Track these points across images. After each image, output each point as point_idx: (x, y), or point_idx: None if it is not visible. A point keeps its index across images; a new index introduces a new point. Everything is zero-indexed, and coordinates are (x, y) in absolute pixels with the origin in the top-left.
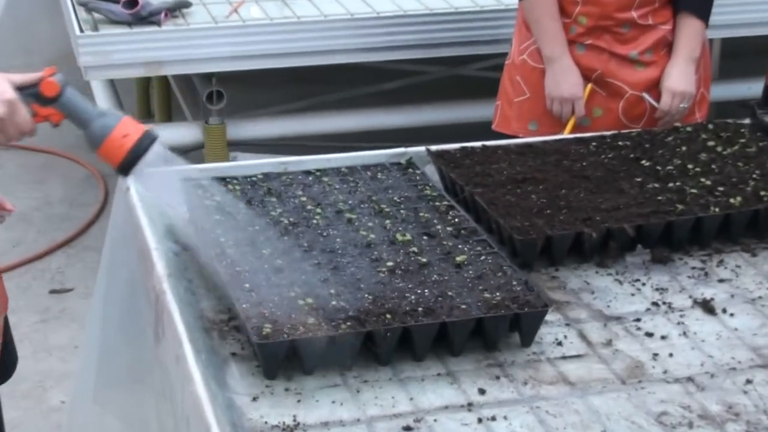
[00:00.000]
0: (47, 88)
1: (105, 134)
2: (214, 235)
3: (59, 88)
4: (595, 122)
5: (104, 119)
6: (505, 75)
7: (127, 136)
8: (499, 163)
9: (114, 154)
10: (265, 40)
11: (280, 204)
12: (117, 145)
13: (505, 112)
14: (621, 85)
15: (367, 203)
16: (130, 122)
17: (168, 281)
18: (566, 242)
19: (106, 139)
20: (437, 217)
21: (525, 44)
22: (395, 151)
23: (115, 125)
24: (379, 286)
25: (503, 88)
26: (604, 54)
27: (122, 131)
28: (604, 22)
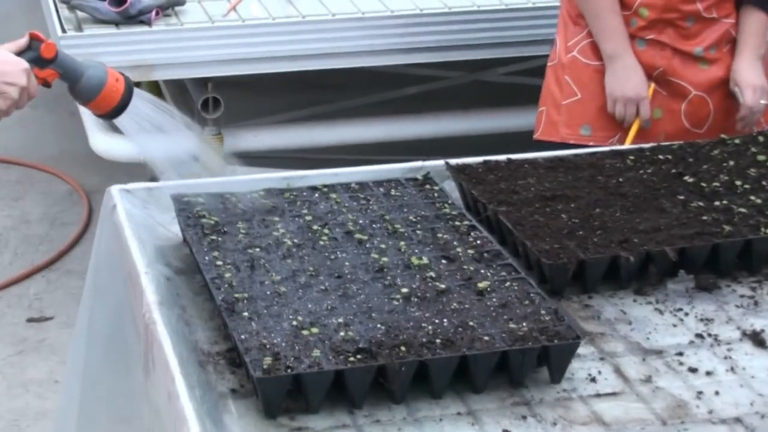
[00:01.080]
0: (47, 50)
1: (102, 82)
2: (210, 257)
3: (56, 47)
4: (655, 124)
5: (94, 69)
6: (550, 77)
7: (118, 82)
8: (526, 178)
9: (111, 99)
10: (266, 42)
11: (283, 223)
12: (113, 90)
13: (552, 117)
14: (685, 85)
15: (379, 223)
16: (113, 72)
17: (159, 309)
18: (601, 267)
19: (104, 87)
20: (457, 239)
21: (574, 40)
22: (411, 165)
23: (106, 72)
24: (393, 315)
25: (548, 92)
26: (666, 50)
27: (113, 76)
28: (667, 15)
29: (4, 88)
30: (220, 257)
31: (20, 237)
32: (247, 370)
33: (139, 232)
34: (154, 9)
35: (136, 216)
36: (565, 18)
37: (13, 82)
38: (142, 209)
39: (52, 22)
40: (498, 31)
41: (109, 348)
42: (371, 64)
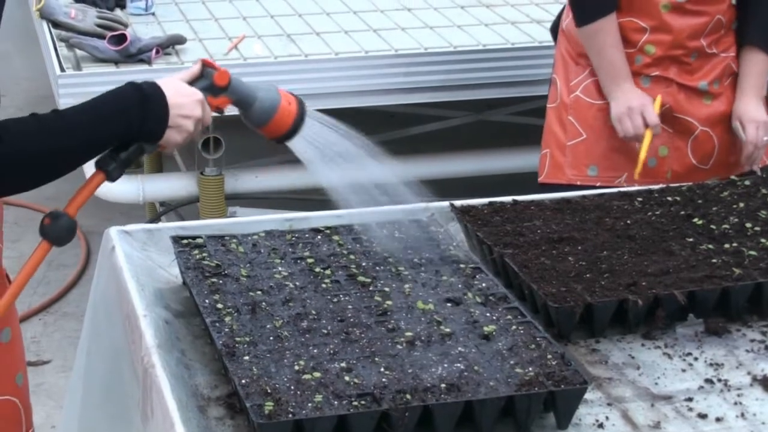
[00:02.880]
0: (220, 78)
1: (275, 106)
2: (210, 300)
3: (229, 75)
4: (662, 162)
5: (266, 92)
6: (552, 118)
7: (291, 104)
8: (533, 220)
9: (284, 122)
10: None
11: (284, 266)
12: (286, 114)
13: (557, 159)
14: (691, 121)
15: (383, 265)
16: (285, 93)
17: (158, 353)
18: (608, 311)
19: (276, 111)
20: (462, 282)
21: (576, 80)
22: (415, 207)
23: (279, 94)
24: (397, 359)
25: (550, 134)
26: (672, 86)
27: (286, 103)
28: (674, 52)
29: (179, 121)
30: (220, 300)
31: None
32: (248, 416)
33: (138, 274)
34: (155, 47)
35: (135, 258)
36: (564, 58)
37: (188, 114)
38: (141, 251)
39: (51, 61)
40: (503, 70)
41: (107, 392)
42: (374, 103)
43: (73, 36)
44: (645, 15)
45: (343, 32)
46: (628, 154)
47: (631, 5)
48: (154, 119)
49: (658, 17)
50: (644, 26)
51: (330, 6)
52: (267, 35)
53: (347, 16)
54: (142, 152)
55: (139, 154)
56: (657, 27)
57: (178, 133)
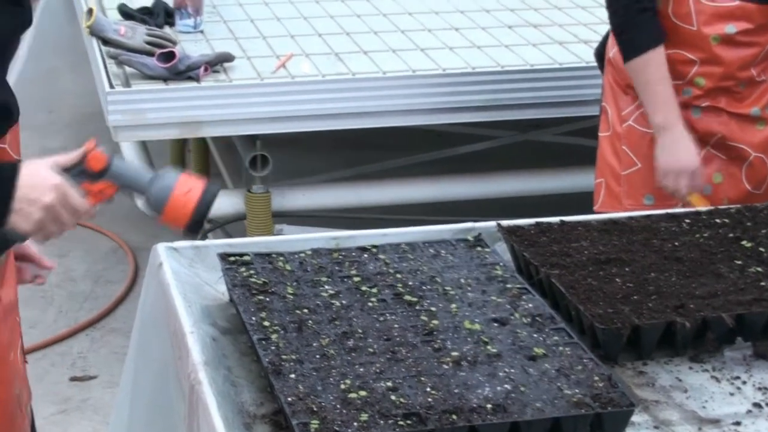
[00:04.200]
0: (94, 162)
1: (166, 195)
2: (257, 318)
3: (106, 158)
4: (717, 189)
5: (161, 180)
6: (605, 147)
7: (189, 192)
8: (580, 241)
9: (179, 215)
10: (315, 99)
11: (331, 284)
12: (181, 205)
13: (612, 188)
14: (744, 148)
15: (429, 284)
16: (188, 178)
17: (204, 370)
18: (656, 333)
19: (168, 201)
20: (509, 302)
21: (628, 109)
22: (462, 226)
23: (175, 184)
24: (443, 379)
25: (604, 163)
26: (723, 115)
27: (183, 189)
28: (724, 83)
29: (24, 206)
30: (267, 318)
31: (65, 294)
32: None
33: (186, 291)
34: (203, 65)
35: (182, 275)
36: (613, 87)
37: (34, 199)
38: (189, 268)
39: (100, 77)
40: (550, 90)
41: (153, 408)
42: (421, 122)
43: (122, 53)
44: (694, 47)
45: (390, 51)
46: None
47: (679, 38)
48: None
49: (708, 50)
50: (694, 59)
51: (378, 25)
52: (315, 54)
53: (395, 35)
54: (6, 242)
55: (3, 243)
56: (707, 59)
57: (25, 219)
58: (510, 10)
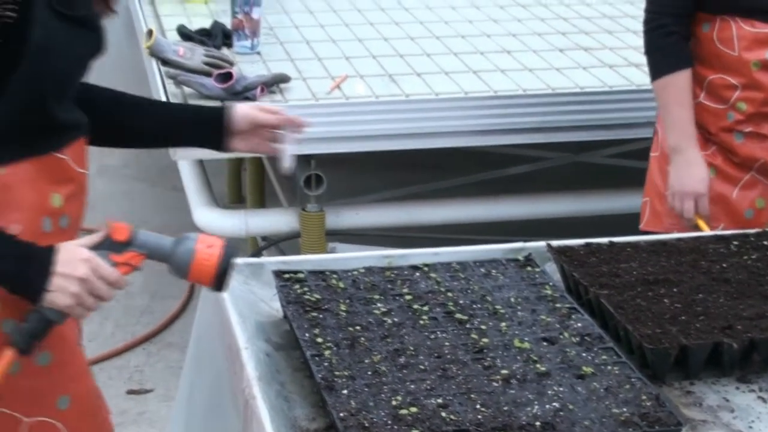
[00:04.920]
0: (117, 234)
1: (190, 257)
2: (310, 334)
3: (128, 229)
4: (758, 214)
5: (183, 244)
6: (654, 167)
7: (211, 248)
8: (629, 262)
9: (205, 273)
10: (369, 120)
11: (383, 302)
12: (205, 264)
13: (656, 207)
14: None
15: (479, 303)
16: (207, 238)
17: (258, 385)
18: (703, 353)
19: (192, 262)
20: (558, 321)
21: None
22: (512, 246)
23: (195, 245)
24: (493, 396)
25: (651, 183)
26: (765, 141)
27: (204, 248)
28: (766, 108)
29: (58, 282)
30: (320, 334)
31: (121, 309)
32: None
33: (240, 307)
34: (259, 85)
35: (237, 291)
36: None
37: (68, 273)
38: (244, 284)
39: (159, 97)
40: (600, 113)
41: (208, 422)
42: (473, 144)
43: (181, 73)
44: (735, 72)
45: (443, 73)
46: (725, 205)
47: (722, 62)
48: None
49: (749, 75)
50: (735, 83)
51: (431, 47)
52: (369, 75)
53: (447, 58)
54: (47, 322)
55: (44, 324)
56: (748, 84)
57: (62, 295)
58: (561, 33)
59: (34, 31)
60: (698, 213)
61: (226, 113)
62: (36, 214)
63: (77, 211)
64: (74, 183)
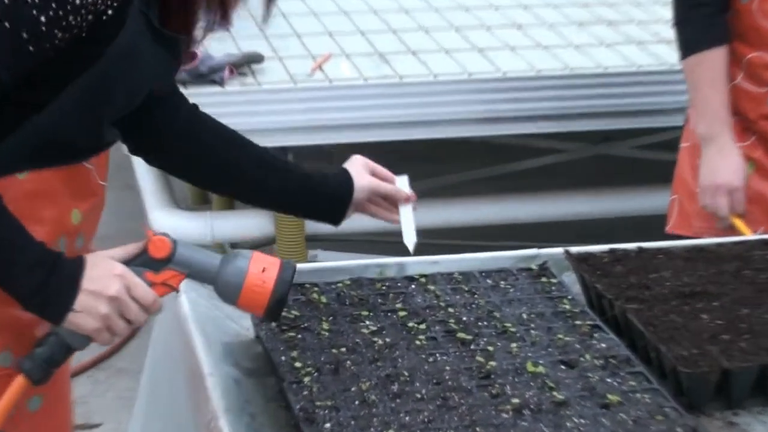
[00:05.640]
0: (156, 249)
1: (241, 280)
2: (287, 357)
3: (170, 245)
4: None
5: (232, 263)
6: (683, 160)
7: (265, 272)
8: (661, 271)
9: (257, 299)
10: (356, 106)
11: (373, 319)
12: (258, 289)
13: (685, 207)
14: None
15: (486, 320)
16: (261, 257)
17: (226, 417)
18: (748, 378)
19: (244, 285)
20: (579, 341)
21: None
22: (524, 253)
23: (248, 266)
24: (502, 429)
25: (680, 177)
26: None
27: (258, 269)
28: None
29: (85, 301)
30: (299, 358)
31: None
32: None
33: (205, 326)
34: (227, 66)
35: (201, 307)
36: None
37: (97, 291)
38: (209, 299)
39: None
40: (627, 97)
41: None
42: (478, 134)
43: None
44: None
45: (443, 51)
46: (766, 205)
47: (763, 38)
48: (56, 289)
49: None
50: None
51: (428, 21)
52: (356, 54)
53: (448, 34)
54: (67, 348)
55: (64, 351)
56: None
57: (88, 316)
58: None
59: (122, 33)
60: (733, 211)
61: (348, 185)
62: (54, 232)
63: (92, 230)
64: (96, 197)
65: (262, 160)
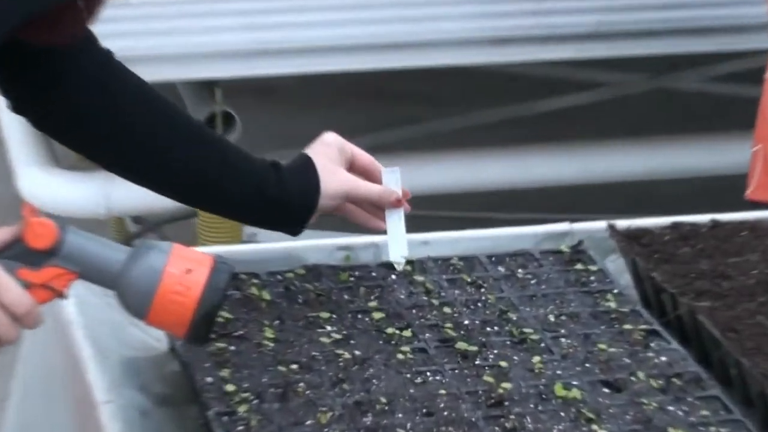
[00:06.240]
0: (36, 236)
1: (153, 284)
2: (214, 378)
3: (56, 231)
4: None
5: (144, 259)
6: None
7: (191, 274)
8: (744, 254)
9: (176, 314)
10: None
11: (337, 323)
12: (178, 298)
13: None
14: None
15: (497, 324)
16: (185, 253)
17: None
18: None
19: (157, 292)
20: (628, 353)
21: None
22: (551, 229)
23: (165, 264)
24: None
25: (765, 122)
26: None
27: (179, 269)
28: None
29: None
30: (231, 379)
31: None
32: None
33: (99, 334)
34: None
35: (92, 307)
36: None
37: None
38: (103, 296)
39: None
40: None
41: None
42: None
43: None
44: None
45: None
46: None
47: None
48: None
49: None
50: None
51: None
52: None
53: None
54: None
55: None
56: None
57: None
58: None
59: None
60: None
61: (313, 191)
62: None
63: None
64: None
65: (192, 139)
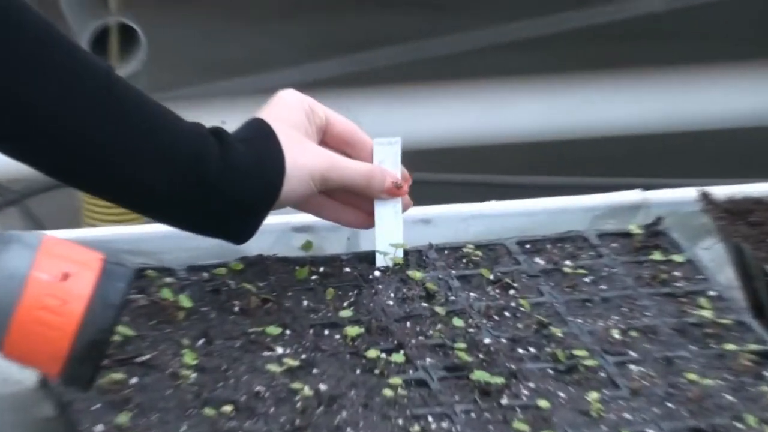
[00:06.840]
0: None
1: (9, 302)
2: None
3: None
4: None
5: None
6: None
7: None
8: None
9: (46, 342)
10: None
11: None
12: (46, 320)
13: None
14: None
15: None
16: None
17: None
18: None
19: (14, 314)
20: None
21: None
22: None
23: (30, 265)
24: None
25: None
26: None
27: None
28: None
29: None
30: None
31: None
32: None
33: None
34: None
35: None
36: None
37: None
38: None
39: None
40: None
41: None
42: None
43: None
44: None
45: None
46: None
47: None
48: None
49: None
50: None
51: None
52: None
53: None
54: None
55: None
56: None
57: None
58: None
59: None
60: None
61: (275, 182)
62: None
63: None
64: None
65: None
